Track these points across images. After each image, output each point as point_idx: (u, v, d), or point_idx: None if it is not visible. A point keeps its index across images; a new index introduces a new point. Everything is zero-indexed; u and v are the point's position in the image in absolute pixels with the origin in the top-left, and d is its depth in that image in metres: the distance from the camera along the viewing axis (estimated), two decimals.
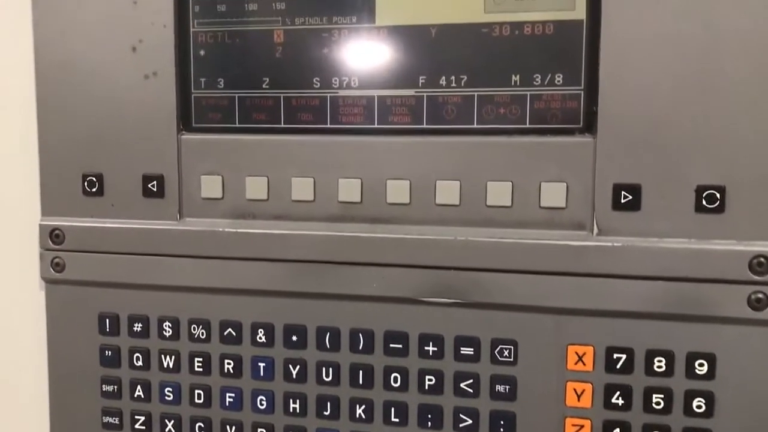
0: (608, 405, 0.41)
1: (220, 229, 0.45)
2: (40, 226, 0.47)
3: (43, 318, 0.48)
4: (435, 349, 0.43)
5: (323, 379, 0.44)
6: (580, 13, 0.40)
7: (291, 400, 0.45)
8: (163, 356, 0.47)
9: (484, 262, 0.41)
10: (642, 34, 0.39)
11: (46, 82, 0.46)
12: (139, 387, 0.47)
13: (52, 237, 0.47)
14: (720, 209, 0.39)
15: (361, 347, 0.44)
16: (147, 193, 0.46)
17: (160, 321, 0.46)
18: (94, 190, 0.46)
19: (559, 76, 0.41)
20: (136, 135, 0.45)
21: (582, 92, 0.41)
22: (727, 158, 0.38)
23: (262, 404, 0.45)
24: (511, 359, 0.42)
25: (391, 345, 0.43)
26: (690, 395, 0.40)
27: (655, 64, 0.39)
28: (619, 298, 0.40)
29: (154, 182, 0.45)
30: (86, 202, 0.47)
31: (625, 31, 0.39)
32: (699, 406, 0.40)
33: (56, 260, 0.47)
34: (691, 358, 0.40)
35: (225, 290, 0.45)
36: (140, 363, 0.47)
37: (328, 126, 0.44)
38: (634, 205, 0.40)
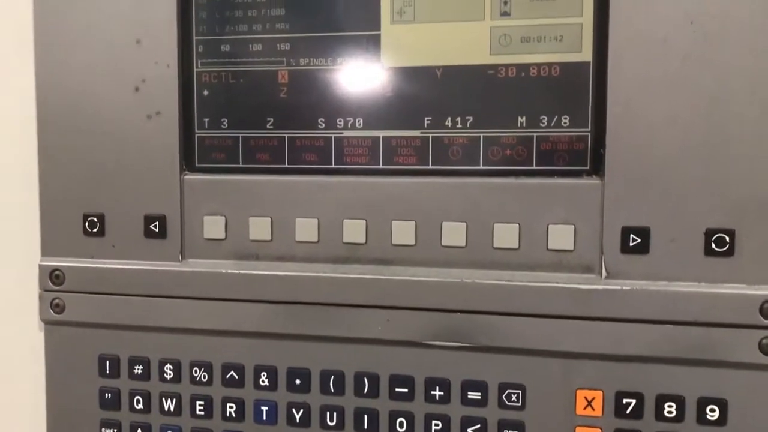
0: None
1: (223, 271, 0.44)
2: (40, 266, 0.47)
3: (41, 360, 0.48)
4: (441, 393, 0.42)
5: (327, 424, 0.44)
6: (586, 55, 0.40)
7: None
8: (164, 399, 0.46)
9: (491, 305, 0.41)
10: (649, 76, 0.38)
11: (47, 120, 0.46)
12: (139, 430, 0.46)
13: (52, 278, 0.46)
14: (729, 253, 0.38)
15: (366, 391, 0.43)
16: (149, 233, 0.45)
17: (162, 363, 0.46)
18: (95, 230, 0.46)
19: (566, 118, 0.41)
20: (139, 175, 0.45)
21: (589, 134, 0.40)
22: (736, 201, 0.38)
23: None
24: (519, 404, 0.41)
25: (397, 389, 0.42)
26: None
27: (662, 106, 0.38)
28: (628, 342, 0.39)
29: (156, 223, 0.45)
30: (87, 243, 0.46)
31: (633, 73, 0.39)
32: None
33: (56, 301, 0.46)
34: (702, 403, 0.39)
35: (227, 332, 0.44)
36: (141, 406, 0.46)
37: (333, 167, 0.44)
38: (643, 248, 0.39)
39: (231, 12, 0.44)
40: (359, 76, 0.43)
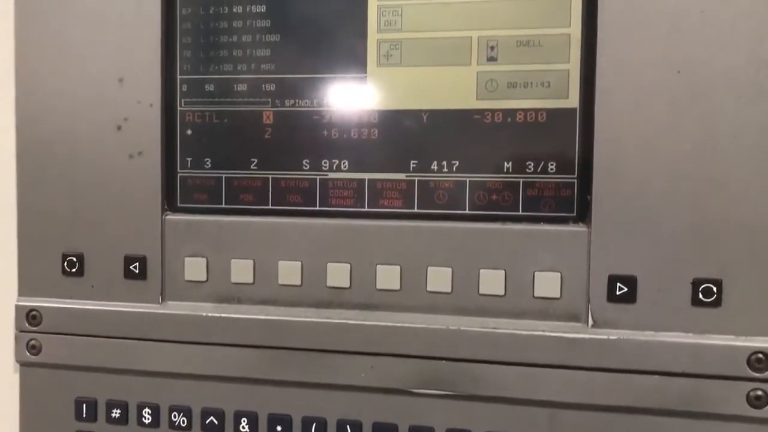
0: None
1: (204, 314, 0.43)
2: (17, 306, 0.46)
3: (16, 402, 0.46)
4: None
5: None
6: (573, 101, 0.40)
7: None
8: None
9: (477, 353, 0.40)
10: (636, 123, 0.38)
11: (27, 158, 0.45)
12: None
13: (29, 318, 0.45)
14: (717, 303, 0.38)
15: None
16: (129, 274, 0.44)
17: (140, 407, 0.45)
18: (74, 270, 0.45)
19: (552, 164, 0.40)
20: (119, 215, 0.44)
21: (576, 181, 0.40)
22: (723, 251, 0.38)
23: None
24: None
25: None
26: None
27: (649, 154, 0.38)
28: (614, 392, 0.39)
29: (137, 263, 0.44)
30: (66, 283, 0.45)
31: (619, 121, 0.38)
32: None
33: (32, 342, 0.45)
34: None
35: (208, 377, 0.43)
36: None
37: (318, 209, 0.43)
38: (630, 298, 0.39)
39: (216, 51, 0.44)
40: (345, 118, 0.42)
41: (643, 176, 0.38)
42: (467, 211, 0.41)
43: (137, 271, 0.44)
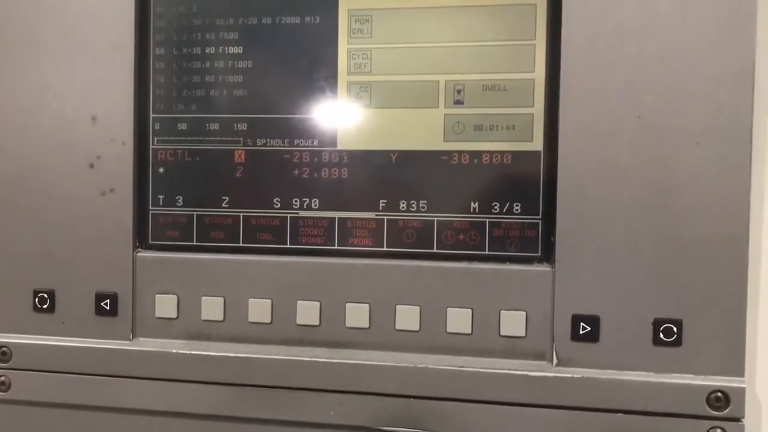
0: None
1: (174, 351, 0.43)
2: None
3: None
4: None
5: None
6: (537, 144, 0.41)
7: None
8: None
9: (444, 391, 0.41)
10: (599, 166, 0.39)
11: None
12: None
13: None
14: (677, 343, 0.39)
15: None
16: (100, 311, 0.44)
17: None
18: (45, 306, 0.45)
19: (517, 205, 0.41)
20: (91, 252, 0.44)
21: (540, 221, 0.41)
22: (683, 292, 0.39)
23: None
24: None
25: None
26: None
27: (611, 196, 0.39)
28: (578, 430, 0.39)
29: (108, 300, 0.44)
30: (36, 319, 0.45)
31: (582, 164, 0.39)
32: None
33: (1, 379, 0.45)
34: None
35: (178, 413, 0.44)
36: None
37: (288, 246, 0.43)
38: (593, 337, 0.39)
39: (188, 91, 0.44)
40: (315, 158, 0.43)
41: (605, 218, 0.39)
42: (435, 250, 0.42)
43: (108, 308, 0.44)
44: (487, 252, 0.41)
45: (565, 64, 0.39)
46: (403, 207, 0.42)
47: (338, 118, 0.43)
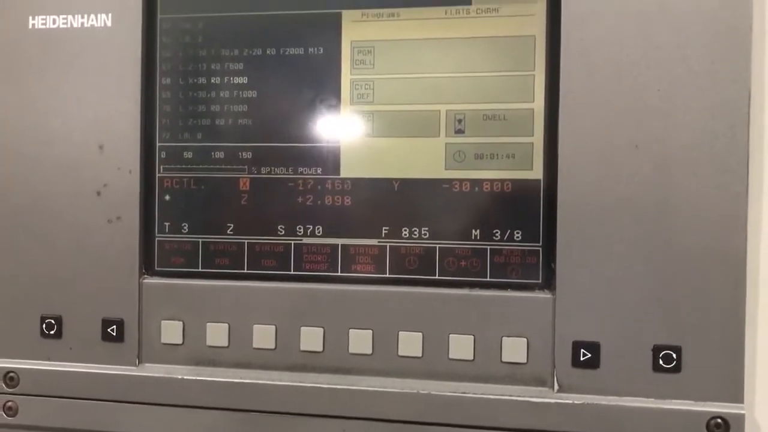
0: None
1: (179, 377, 0.44)
2: None
3: None
4: None
5: None
6: (537, 173, 0.41)
7: None
8: None
9: (447, 417, 0.41)
10: (597, 195, 0.40)
11: (6, 220, 0.46)
12: None
13: (6, 380, 0.46)
14: (677, 369, 0.39)
15: None
16: (106, 337, 0.45)
17: None
18: (52, 332, 0.45)
19: (518, 232, 0.42)
20: (98, 278, 0.45)
21: (540, 249, 0.41)
22: (682, 319, 0.39)
23: None
24: None
25: None
26: None
27: (610, 225, 0.40)
28: None
29: (114, 326, 0.45)
30: (43, 345, 0.46)
31: (581, 192, 0.40)
32: None
33: (9, 404, 0.46)
34: None
35: None
36: None
37: (292, 273, 0.44)
38: (593, 363, 0.40)
39: (195, 120, 0.45)
40: (319, 186, 0.44)
41: (604, 245, 0.40)
42: (437, 277, 0.43)
43: (114, 334, 0.45)
44: (488, 279, 0.42)
45: (563, 95, 0.40)
46: (405, 234, 0.43)
47: (341, 146, 0.43)
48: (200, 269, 0.45)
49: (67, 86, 0.45)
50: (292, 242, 0.44)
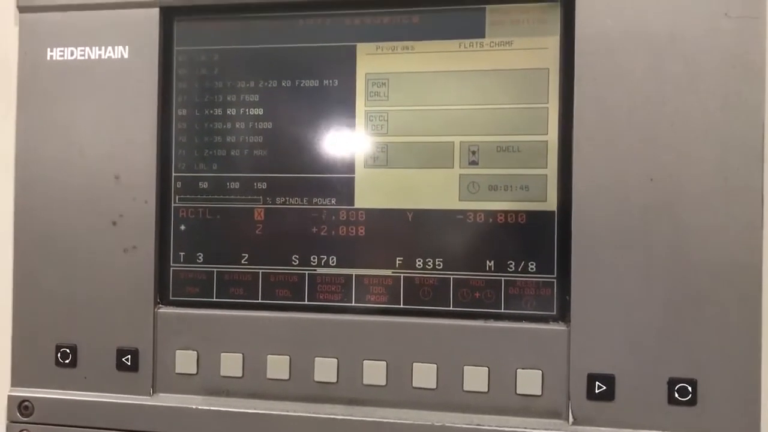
0: None
1: (193, 406, 0.44)
2: (9, 396, 0.46)
3: None
4: None
5: None
6: (551, 204, 0.42)
7: None
8: None
9: None
10: (612, 227, 0.40)
11: (24, 250, 0.46)
12: None
13: (21, 409, 0.46)
14: (692, 402, 0.39)
15: None
16: (121, 366, 0.45)
17: None
18: (67, 361, 0.46)
19: (532, 264, 0.42)
20: (113, 307, 0.45)
21: (555, 280, 0.42)
22: (698, 352, 0.39)
23: None
24: None
25: None
26: None
27: (625, 257, 0.40)
28: None
29: (129, 356, 0.45)
30: (58, 374, 0.46)
31: (596, 224, 0.40)
32: None
33: None
34: None
35: None
36: None
37: (306, 303, 0.44)
38: (608, 396, 0.40)
39: (210, 151, 0.45)
40: (333, 216, 0.44)
41: (619, 278, 0.40)
42: (451, 308, 0.43)
43: (129, 363, 0.45)
44: (503, 310, 0.42)
45: (577, 127, 0.40)
46: (419, 265, 0.43)
47: (356, 177, 0.44)
48: (215, 299, 0.45)
49: (84, 117, 0.46)
50: (306, 272, 0.44)
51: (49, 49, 0.46)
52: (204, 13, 0.45)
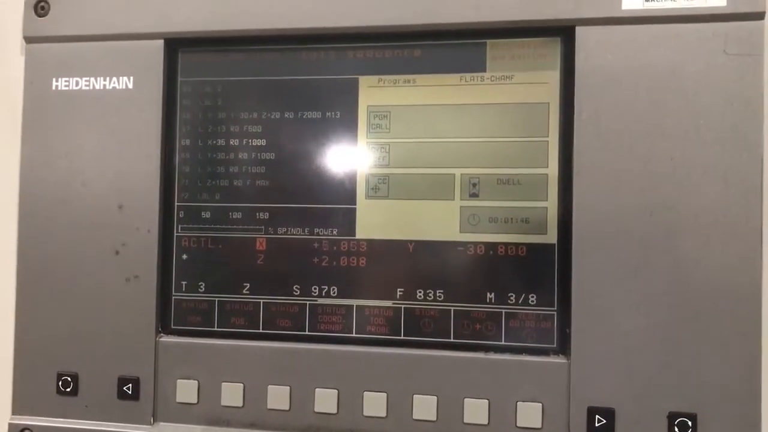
0: None
1: None
2: (10, 424, 0.46)
3: None
4: None
5: None
6: (552, 237, 0.42)
7: None
8: None
9: None
10: (611, 260, 0.40)
11: (26, 278, 0.46)
12: None
13: None
14: None
15: None
16: (122, 395, 0.45)
17: None
18: (68, 389, 0.46)
19: (533, 296, 0.42)
20: (115, 336, 0.45)
21: (555, 313, 0.42)
22: (699, 385, 0.39)
23: None
24: None
25: None
26: None
27: (625, 291, 0.40)
28: None
29: (130, 385, 0.45)
30: (59, 402, 0.46)
31: (596, 257, 0.40)
32: None
33: None
34: None
35: None
36: None
37: (307, 333, 0.44)
38: (609, 429, 0.40)
39: (213, 181, 0.46)
40: (334, 247, 0.44)
41: (619, 311, 0.40)
42: (452, 340, 0.43)
43: (130, 392, 0.45)
44: (503, 342, 0.42)
45: (577, 161, 0.41)
46: (420, 296, 0.43)
47: (357, 208, 0.44)
48: (216, 328, 0.45)
49: (88, 146, 0.46)
50: (307, 303, 0.44)
51: (54, 79, 0.47)
52: (208, 45, 0.46)
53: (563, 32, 0.42)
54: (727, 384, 0.39)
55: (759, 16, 0.39)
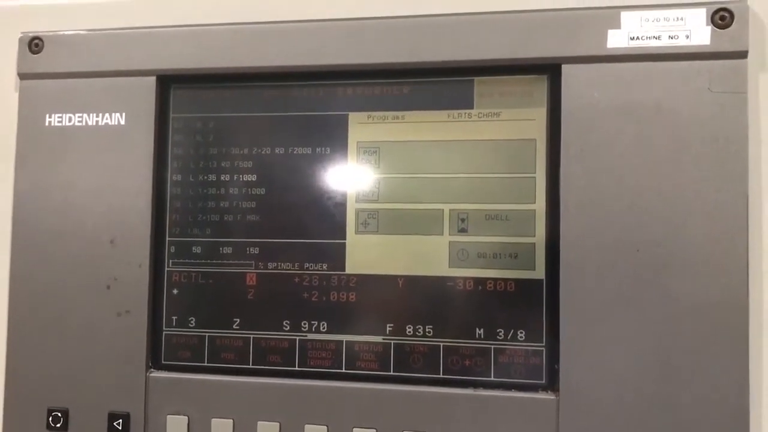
0: None
1: None
2: None
3: None
4: None
5: None
6: (540, 273, 0.42)
7: None
8: None
9: None
10: (600, 297, 0.40)
11: (17, 312, 0.47)
12: None
13: None
14: None
15: None
16: (112, 430, 0.45)
17: None
18: (58, 425, 0.46)
19: (521, 332, 0.42)
20: (105, 371, 0.45)
21: (544, 349, 0.42)
22: (688, 423, 0.39)
23: None
24: None
25: None
26: None
27: (613, 327, 0.40)
28: None
29: (120, 420, 0.45)
30: None
31: (584, 294, 0.40)
32: None
33: None
34: None
35: None
36: None
37: (296, 368, 0.44)
38: None
39: (204, 216, 0.46)
40: (324, 282, 0.44)
41: (608, 346, 0.40)
42: (441, 375, 0.43)
43: (120, 428, 0.45)
44: (492, 378, 0.42)
45: (564, 197, 0.41)
46: (409, 331, 0.43)
47: (347, 243, 0.44)
48: (206, 363, 0.45)
49: (80, 181, 0.46)
50: (297, 338, 0.44)
51: (47, 115, 0.47)
52: (200, 81, 0.46)
53: (550, 70, 0.42)
54: (719, 419, 0.39)
55: (742, 54, 0.39)
